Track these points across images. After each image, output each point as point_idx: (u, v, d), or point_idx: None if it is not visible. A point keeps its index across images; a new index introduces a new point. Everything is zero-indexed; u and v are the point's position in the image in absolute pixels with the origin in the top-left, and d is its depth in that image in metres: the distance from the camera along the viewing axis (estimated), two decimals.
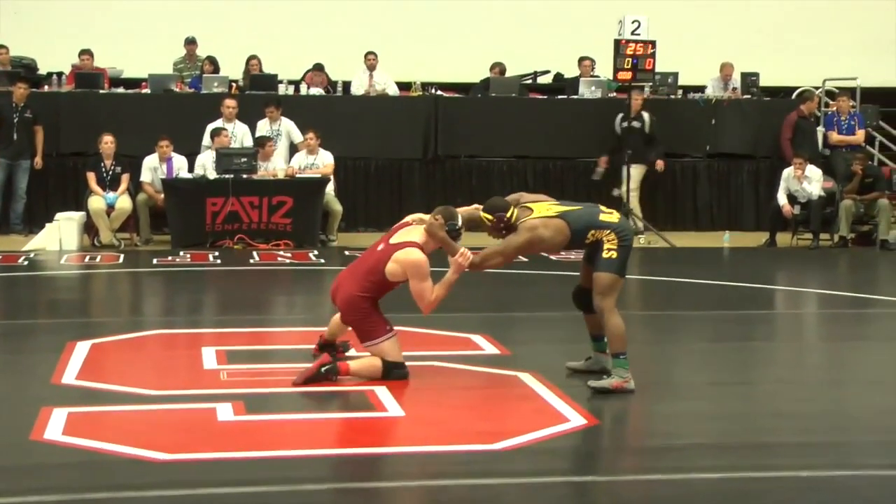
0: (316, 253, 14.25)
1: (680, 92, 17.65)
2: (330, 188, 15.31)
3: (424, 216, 7.71)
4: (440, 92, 17.36)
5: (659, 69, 16.68)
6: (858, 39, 20.99)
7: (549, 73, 19.36)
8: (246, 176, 14.73)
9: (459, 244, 7.46)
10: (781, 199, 15.53)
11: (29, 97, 15.59)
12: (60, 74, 16.94)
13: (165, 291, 12.19)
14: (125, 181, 14.86)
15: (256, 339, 9.22)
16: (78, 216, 14.62)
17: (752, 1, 21.35)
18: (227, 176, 14.62)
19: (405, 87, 17.44)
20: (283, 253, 14.19)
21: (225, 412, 6.78)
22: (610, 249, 7.25)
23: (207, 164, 14.89)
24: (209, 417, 6.70)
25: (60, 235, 14.33)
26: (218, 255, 13.98)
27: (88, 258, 13.77)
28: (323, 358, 7.42)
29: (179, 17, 19.35)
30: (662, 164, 16.51)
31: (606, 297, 7.29)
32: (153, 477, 5.69)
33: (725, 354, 8.97)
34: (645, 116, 16.46)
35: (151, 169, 15.04)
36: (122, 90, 16.90)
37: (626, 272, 7.37)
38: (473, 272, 7.58)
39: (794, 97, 17.67)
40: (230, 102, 15.68)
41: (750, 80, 17.80)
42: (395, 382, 7.35)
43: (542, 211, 7.35)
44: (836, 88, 18.21)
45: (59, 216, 14.53)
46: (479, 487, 5.66)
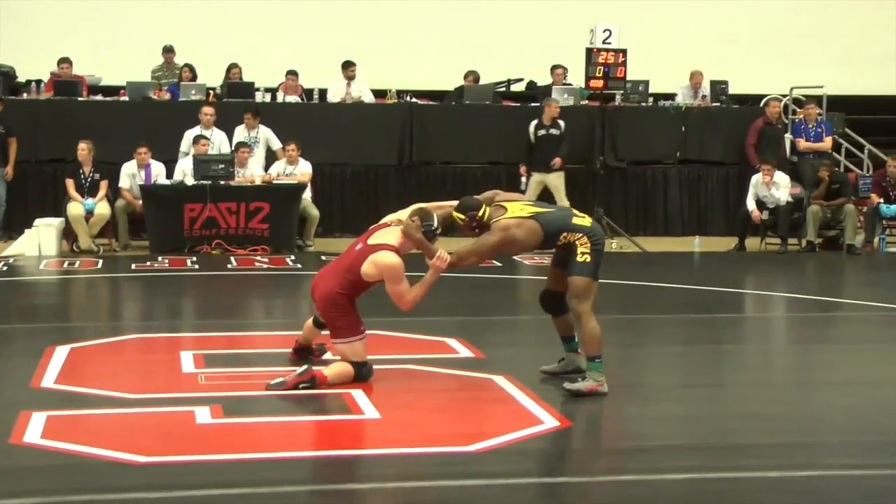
0: (293, 258, 14.23)
1: (651, 100, 17.71)
2: (307, 194, 15.30)
3: (403, 216, 7.71)
4: (415, 99, 17.36)
5: (630, 77, 16.74)
6: (825, 49, 21.16)
7: (522, 81, 19.40)
8: (223, 182, 14.71)
9: (436, 244, 7.46)
10: (750, 204, 15.61)
11: (3, 111, 15.46)
12: (39, 82, 16.86)
13: (144, 296, 12.15)
14: (104, 187, 14.80)
15: (234, 343, 9.19)
16: (57, 222, 14.56)
17: (721, 11, 21.46)
18: (204, 182, 14.59)
19: (381, 94, 17.44)
20: (260, 258, 14.16)
21: (203, 415, 6.76)
22: (584, 253, 7.23)
23: (187, 169, 14.86)
24: (187, 420, 6.69)
25: (39, 241, 14.26)
26: (196, 260, 13.95)
27: (67, 263, 13.70)
28: (302, 376, 7.35)
29: (157, 25, 19.32)
30: (559, 161, 16.23)
31: (582, 300, 7.27)
32: (132, 479, 5.67)
33: (696, 357, 9.00)
34: (561, 124, 16.31)
35: (130, 175, 15.00)
36: (100, 97, 16.86)
37: (598, 275, 7.35)
38: (449, 271, 7.57)
39: (761, 105, 17.75)
40: (208, 110, 15.64)
41: (719, 88, 17.88)
42: (371, 385, 7.36)
43: (515, 211, 7.33)
44: (803, 96, 18.32)
45: (38, 222, 14.47)
46: (453, 489, 5.66)
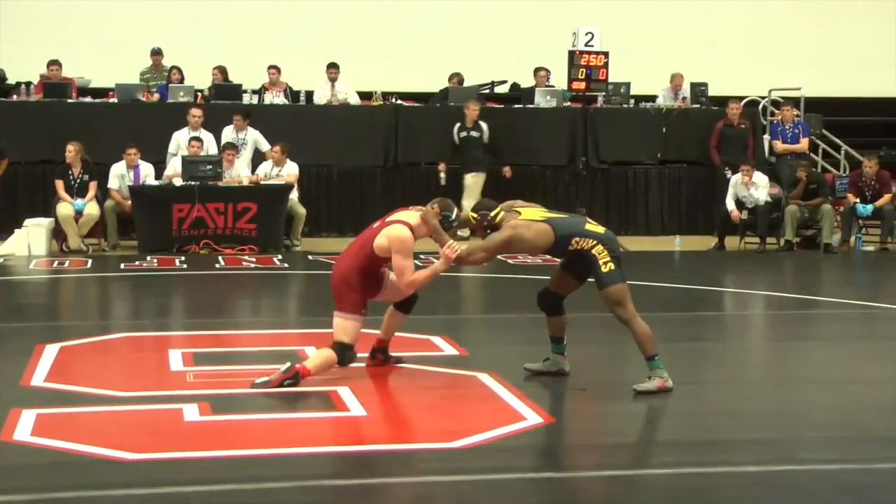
0: (280, 258, 14.21)
1: (632, 101, 17.74)
2: (294, 195, 15.30)
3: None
4: (400, 101, 17.36)
5: (612, 79, 16.80)
6: (802, 52, 21.22)
7: (505, 83, 19.41)
8: (211, 183, 14.69)
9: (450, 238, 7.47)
10: (730, 204, 15.65)
11: None
12: (29, 84, 16.82)
13: (133, 295, 12.12)
14: (93, 188, 14.76)
15: (222, 341, 9.18)
16: (46, 222, 14.53)
17: (701, 15, 21.50)
18: (193, 183, 14.57)
19: (366, 96, 17.44)
20: (247, 258, 14.14)
21: (191, 413, 6.75)
22: (606, 263, 7.25)
23: (179, 168, 14.85)
24: (176, 418, 6.67)
25: (29, 241, 14.23)
26: (184, 259, 13.92)
27: (57, 263, 13.66)
28: (287, 374, 7.33)
29: (146, 28, 19.29)
30: (510, 170, 16.31)
31: (624, 306, 7.33)
32: (121, 476, 5.65)
33: (676, 354, 8.99)
34: (483, 126, 16.29)
35: (119, 176, 14.96)
36: (89, 99, 16.82)
37: (626, 277, 7.38)
38: (455, 267, 7.61)
39: (741, 105, 17.80)
40: (196, 111, 15.62)
41: (699, 90, 17.93)
42: (357, 382, 7.35)
43: (529, 215, 7.37)
44: (781, 98, 18.37)
45: (28, 222, 14.43)
46: (438, 484, 5.66)
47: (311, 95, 17.20)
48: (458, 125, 16.39)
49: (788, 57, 21.00)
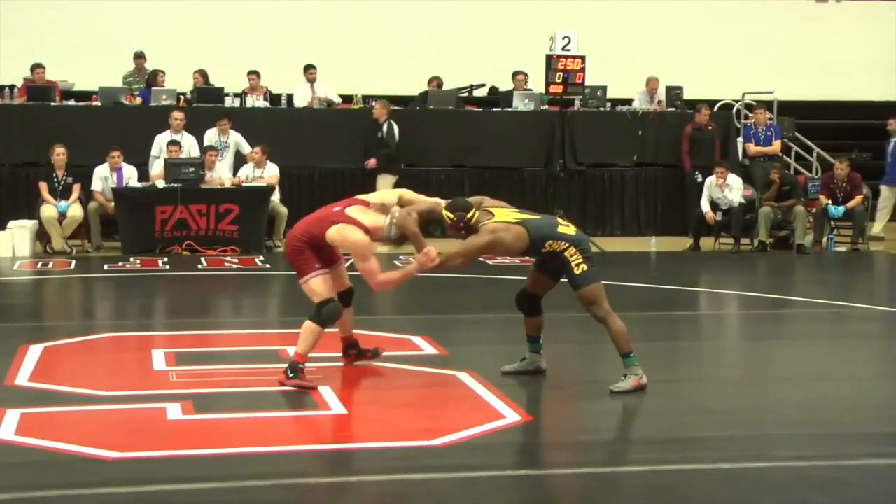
0: (262, 258, 14.19)
1: (608, 105, 17.78)
2: (275, 196, 15.28)
3: (388, 197, 7.63)
4: None
5: (589, 83, 16.84)
6: (775, 56, 21.30)
7: (484, 86, 19.41)
8: (194, 185, 14.65)
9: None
10: (704, 206, 15.70)
11: None
12: (13, 87, 16.75)
13: (116, 296, 12.08)
14: (76, 190, 14.71)
15: (204, 341, 9.16)
16: (30, 224, 14.47)
17: (676, 20, 21.55)
18: (175, 185, 14.54)
19: (347, 99, 17.43)
20: (229, 259, 14.11)
21: (174, 412, 6.75)
22: (578, 264, 7.22)
23: (162, 170, 14.83)
24: (159, 417, 6.67)
25: (13, 242, 14.17)
26: (167, 260, 13.88)
27: (41, 264, 13.61)
28: (294, 377, 7.32)
29: (128, 32, 19.22)
30: (373, 162, 16.00)
31: (599, 305, 7.31)
32: (104, 475, 5.64)
33: (652, 353, 9.01)
34: (389, 127, 16.08)
35: (102, 178, 14.91)
36: (73, 103, 16.75)
37: (600, 276, 7.36)
38: (431, 271, 7.51)
39: (715, 109, 17.87)
40: (178, 114, 15.59)
41: (674, 93, 17.97)
42: (338, 382, 7.35)
43: (503, 216, 7.27)
44: (754, 102, 18.44)
45: (11, 224, 14.37)
46: (418, 482, 5.67)
47: (291, 98, 17.17)
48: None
49: (761, 61, 21.08)
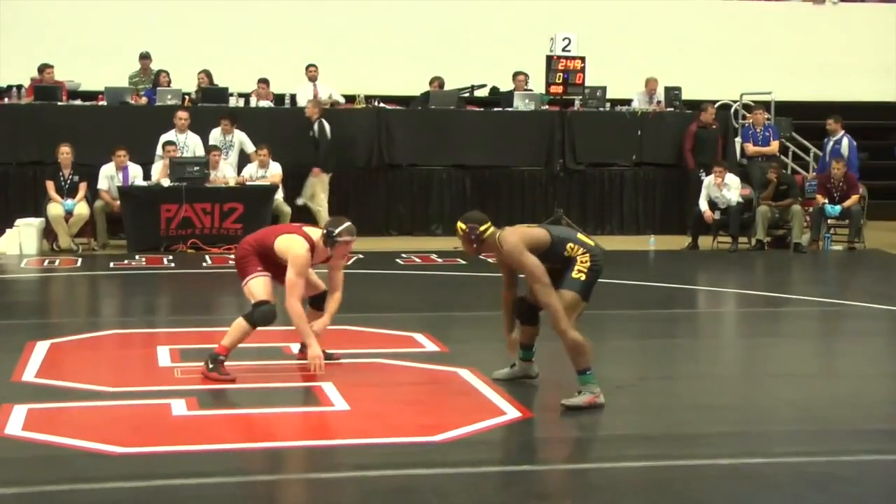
0: None
1: (608, 105, 17.78)
2: (279, 195, 15.30)
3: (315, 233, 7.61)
4: (383, 104, 17.36)
5: (588, 83, 16.83)
6: (773, 57, 21.32)
7: (485, 86, 19.43)
8: (199, 184, 14.66)
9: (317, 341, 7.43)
10: (703, 205, 15.71)
11: None
12: (20, 87, 16.76)
13: (121, 293, 12.10)
14: (83, 189, 14.73)
15: (208, 338, 9.12)
16: (37, 222, 14.48)
17: (675, 21, 21.58)
18: (180, 184, 14.55)
19: (349, 99, 17.44)
20: (234, 257, 14.11)
21: (179, 407, 6.76)
22: (580, 270, 6.97)
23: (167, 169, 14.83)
24: (163, 412, 6.68)
25: (20, 240, 14.18)
26: (172, 258, 13.90)
27: (47, 262, 13.62)
28: (207, 364, 7.44)
29: (134, 33, 19.23)
30: (318, 171, 15.88)
31: (567, 315, 6.84)
32: (110, 470, 5.66)
33: (650, 351, 9.06)
34: (315, 126, 15.92)
35: (108, 177, 14.93)
36: (79, 102, 16.76)
37: (590, 296, 7.02)
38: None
39: (715, 108, 17.87)
40: (182, 114, 15.60)
41: (673, 93, 17.98)
42: (341, 378, 7.35)
43: (519, 227, 7.17)
44: (752, 102, 18.44)
45: (19, 222, 14.38)
46: (420, 477, 5.68)
47: (294, 99, 17.18)
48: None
49: (760, 62, 21.10)
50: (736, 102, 18.59)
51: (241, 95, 16.97)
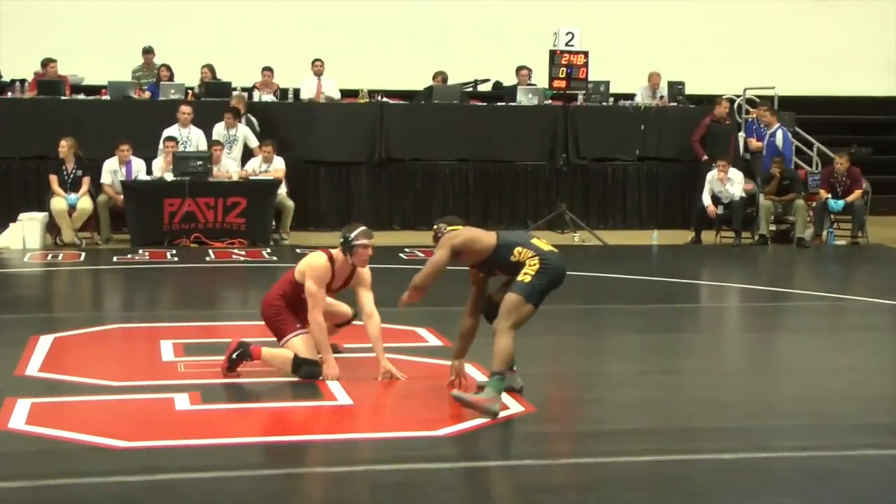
0: (269, 251, 14.20)
1: (611, 99, 17.76)
2: (282, 189, 15.29)
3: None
4: (386, 99, 17.35)
5: (592, 78, 16.78)
6: (776, 52, 21.28)
7: (488, 81, 19.42)
8: (202, 178, 14.65)
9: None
10: (706, 199, 15.69)
11: None
12: (23, 81, 16.76)
13: (125, 288, 12.10)
14: (86, 183, 14.73)
15: (212, 332, 9.17)
16: (41, 216, 14.48)
17: (678, 16, 21.53)
18: (183, 178, 14.55)
19: (353, 94, 17.42)
20: (237, 251, 14.12)
21: (182, 402, 6.76)
22: (526, 273, 6.76)
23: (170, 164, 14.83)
24: (167, 407, 6.68)
25: (24, 234, 14.18)
26: (175, 253, 13.89)
27: (51, 256, 13.63)
28: (231, 345, 7.40)
29: (137, 27, 19.22)
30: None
31: (507, 317, 6.70)
32: (113, 464, 5.66)
33: (654, 345, 9.05)
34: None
35: (111, 171, 14.92)
36: (82, 97, 16.76)
37: (539, 300, 6.74)
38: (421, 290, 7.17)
39: (728, 103, 17.83)
40: (185, 108, 15.58)
41: (676, 88, 17.95)
42: (345, 374, 7.35)
43: (473, 229, 7.12)
44: (755, 97, 18.42)
45: (22, 216, 14.37)
46: (422, 471, 5.68)
47: (298, 93, 17.17)
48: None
49: (763, 57, 21.07)
50: (739, 97, 18.56)
51: (244, 90, 16.95)
